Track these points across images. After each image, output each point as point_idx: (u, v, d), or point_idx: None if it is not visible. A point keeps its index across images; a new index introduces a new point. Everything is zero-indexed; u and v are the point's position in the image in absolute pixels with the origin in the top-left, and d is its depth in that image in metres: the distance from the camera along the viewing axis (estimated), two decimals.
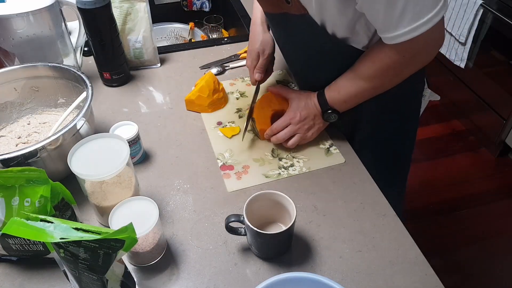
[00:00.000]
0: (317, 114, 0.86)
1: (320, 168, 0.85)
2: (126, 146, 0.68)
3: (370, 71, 0.77)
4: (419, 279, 0.66)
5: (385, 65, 0.75)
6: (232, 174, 0.84)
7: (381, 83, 0.79)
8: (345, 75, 0.82)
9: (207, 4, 1.52)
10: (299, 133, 0.87)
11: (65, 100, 0.92)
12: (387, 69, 0.75)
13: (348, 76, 0.81)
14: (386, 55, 0.73)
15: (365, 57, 0.78)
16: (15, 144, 0.86)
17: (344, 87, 0.82)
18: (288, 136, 0.87)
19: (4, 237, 0.64)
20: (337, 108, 0.84)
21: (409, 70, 0.76)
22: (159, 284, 0.67)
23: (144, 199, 0.66)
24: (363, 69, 0.78)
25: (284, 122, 0.87)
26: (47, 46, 0.96)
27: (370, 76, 0.78)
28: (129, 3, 1.05)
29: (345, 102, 0.83)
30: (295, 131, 0.87)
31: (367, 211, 0.77)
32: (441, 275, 0.67)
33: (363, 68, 0.78)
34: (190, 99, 0.98)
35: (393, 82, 0.79)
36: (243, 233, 0.69)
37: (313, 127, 0.87)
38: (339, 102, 0.83)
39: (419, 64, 0.76)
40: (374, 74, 0.77)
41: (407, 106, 0.93)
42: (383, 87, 0.80)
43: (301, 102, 0.87)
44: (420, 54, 0.72)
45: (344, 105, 0.84)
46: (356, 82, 0.80)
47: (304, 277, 0.55)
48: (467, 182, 2.04)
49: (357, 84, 0.80)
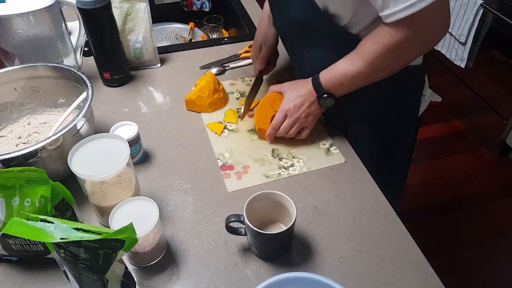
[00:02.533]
0: (313, 101, 0.84)
1: (320, 168, 0.85)
2: (126, 146, 0.68)
3: (370, 51, 0.75)
4: (419, 279, 0.67)
5: (386, 43, 0.72)
6: (232, 174, 0.84)
7: (381, 65, 0.76)
8: (344, 58, 0.80)
9: (207, 4, 1.52)
10: (297, 124, 0.86)
11: (65, 100, 0.92)
12: (389, 48, 0.72)
13: (347, 57, 0.79)
14: (388, 34, 0.71)
15: (366, 37, 0.76)
16: (15, 144, 0.86)
17: (341, 68, 0.80)
18: (288, 128, 0.86)
19: (4, 237, 0.64)
20: (332, 91, 0.82)
21: (412, 52, 0.74)
22: (159, 284, 0.67)
23: (144, 199, 0.66)
24: (363, 48, 0.76)
25: (281, 114, 0.86)
26: (47, 46, 0.96)
27: (370, 56, 0.75)
28: (129, 3, 1.05)
29: (341, 84, 0.81)
30: (294, 121, 0.86)
31: (367, 211, 0.77)
32: (441, 275, 0.67)
33: (363, 48, 0.76)
34: (190, 99, 0.98)
35: (395, 64, 0.76)
36: (243, 233, 0.69)
37: (310, 114, 0.86)
38: (335, 84, 0.81)
39: (424, 45, 0.73)
40: (374, 55, 0.74)
41: (406, 105, 0.93)
42: (383, 70, 0.77)
43: (294, 91, 0.86)
44: (423, 34, 0.70)
45: (340, 87, 0.81)
46: (355, 63, 0.78)
47: (304, 277, 0.55)
48: (467, 182, 2.04)
49: (355, 65, 0.78)
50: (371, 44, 0.75)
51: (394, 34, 0.70)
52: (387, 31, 0.71)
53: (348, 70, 0.79)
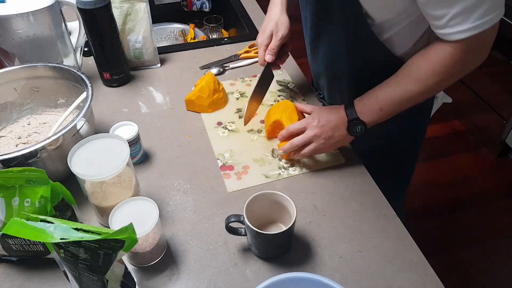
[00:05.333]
0: (340, 125, 0.78)
1: (320, 168, 0.85)
2: (126, 146, 0.68)
3: (423, 71, 0.71)
4: (419, 279, 0.67)
5: (443, 62, 0.68)
6: (232, 174, 0.83)
7: (434, 85, 0.72)
8: (384, 82, 0.75)
9: (207, 4, 1.52)
10: (314, 142, 0.79)
11: (65, 100, 0.92)
12: (446, 67, 0.69)
13: (390, 81, 0.75)
14: (446, 51, 0.68)
15: (416, 57, 0.72)
16: (15, 144, 0.86)
17: (384, 93, 0.75)
18: (302, 143, 0.79)
19: (4, 238, 0.64)
20: (367, 117, 0.76)
21: (465, 69, 0.71)
22: (159, 284, 0.67)
23: (144, 199, 0.66)
24: (414, 69, 0.72)
25: (300, 126, 0.80)
26: (47, 46, 0.96)
27: (422, 76, 0.71)
28: (129, 3, 1.05)
29: (381, 110, 0.75)
30: (311, 138, 0.79)
31: (367, 211, 0.77)
32: (441, 275, 0.67)
33: (413, 68, 0.72)
34: (190, 99, 0.98)
35: (446, 83, 0.72)
36: (243, 233, 0.69)
37: (331, 138, 0.79)
38: (372, 110, 0.76)
39: (475, 63, 0.71)
40: (428, 74, 0.70)
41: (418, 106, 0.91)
42: (432, 89, 0.73)
43: (324, 110, 0.81)
44: (479, 52, 0.69)
45: (378, 113, 0.76)
46: (402, 85, 0.73)
47: (304, 277, 0.55)
48: (467, 182, 2.04)
49: (402, 88, 0.73)
50: (424, 62, 0.71)
51: (453, 51, 0.67)
52: (445, 48, 0.68)
53: (394, 95, 0.74)
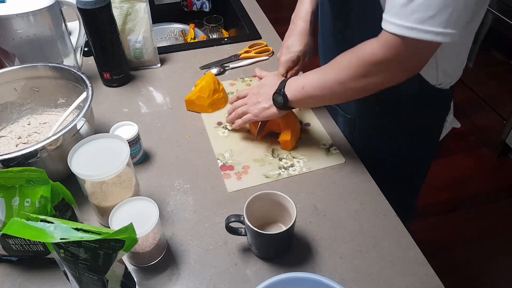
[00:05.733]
0: (270, 93, 0.81)
1: (320, 168, 0.85)
2: (126, 146, 0.68)
3: (344, 60, 0.71)
4: (419, 279, 0.67)
5: (361, 55, 0.67)
6: (232, 174, 0.83)
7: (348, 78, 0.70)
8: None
9: (207, 4, 1.52)
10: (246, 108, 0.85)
11: (65, 100, 0.92)
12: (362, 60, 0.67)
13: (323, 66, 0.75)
14: (369, 45, 0.66)
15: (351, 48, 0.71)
16: (15, 144, 0.86)
17: (311, 74, 0.76)
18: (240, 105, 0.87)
19: (4, 238, 0.64)
20: (290, 91, 0.77)
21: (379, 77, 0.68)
22: (159, 284, 0.67)
23: (144, 199, 0.66)
24: (340, 57, 0.72)
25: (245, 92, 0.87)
26: (47, 46, 0.96)
27: (341, 65, 0.71)
28: (129, 3, 1.05)
29: (302, 89, 0.76)
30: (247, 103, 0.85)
31: (367, 211, 0.77)
32: (441, 275, 0.67)
33: (340, 56, 0.72)
34: (190, 99, 0.98)
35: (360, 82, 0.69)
36: (243, 233, 0.69)
37: (259, 103, 0.83)
38: (297, 86, 0.77)
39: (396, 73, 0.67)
40: (346, 64, 0.70)
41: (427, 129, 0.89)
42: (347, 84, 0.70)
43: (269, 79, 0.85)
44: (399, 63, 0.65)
45: (299, 91, 0.77)
46: (325, 70, 0.73)
47: (304, 277, 0.55)
48: (467, 182, 2.04)
49: (324, 72, 0.73)
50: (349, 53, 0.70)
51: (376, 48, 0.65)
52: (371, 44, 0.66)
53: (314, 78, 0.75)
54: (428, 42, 0.60)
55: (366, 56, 0.67)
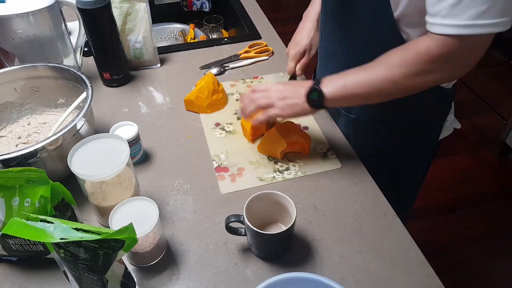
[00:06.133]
0: (300, 89, 0.74)
1: (315, 173, 0.84)
2: (126, 146, 0.68)
3: (394, 57, 0.68)
4: (419, 279, 0.66)
5: (416, 54, 0.65)
6: (226, 176, 0.83)
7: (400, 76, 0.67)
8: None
9: (207, 4, 1.52)
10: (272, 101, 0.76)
11: (65, 100, 0.92)
12: (417, 59, 0.65)
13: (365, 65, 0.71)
14: (424, 43, 0.64)
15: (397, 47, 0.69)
16: (15, 144, 0.86)
17: (353, 71, 0.72)
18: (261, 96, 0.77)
19: (4, 238, 0.64)
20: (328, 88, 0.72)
21: (439, 73, 0.67)
22: (159, 284, 0.67)
23: (144, 199, 0.66)
24: (388, 55, 0.69)
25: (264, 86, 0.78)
26: (47, 46, 0.96)
27: (391, 62, 0.68)
28: (129, 3, 1.05)
29: (343, 86, 0.71)
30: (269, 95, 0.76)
31: (367, 211, 0.77)
32: (441, 275, 0.67)
33: (388, 54, 0.69)
34: (189, 99, 0.98)
35: (413, 80, 0.67)
36: (243, 233, 0.69)
37: (287, 98, 0.75)
38: (336, 84, 0.72)
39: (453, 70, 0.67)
40: (396, 61, 0.67)
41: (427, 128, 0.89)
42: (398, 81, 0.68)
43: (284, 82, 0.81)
44: (460, 58, 0.64)
45: (339, 89, 0.72)
46: (371, 67, 0.70)
47: (304, 277, 0.55)
48: (467, 182, 2.04)
49: (369, 70, 0.70)
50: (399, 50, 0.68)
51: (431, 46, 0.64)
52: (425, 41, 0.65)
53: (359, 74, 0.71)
54: (485, 35, 0.61)
55: (421, 55, 0.65)
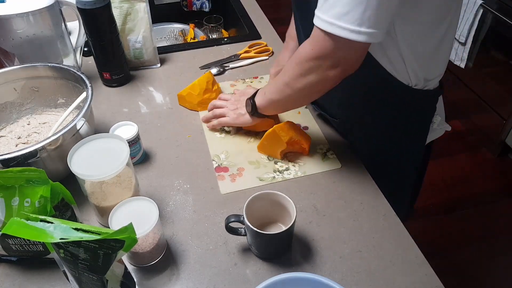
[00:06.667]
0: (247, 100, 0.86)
1: (315, 173, 0.84)
2: (126, 146, 0.68)
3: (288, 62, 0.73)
4: (419, 279, 0.66)
5: (297, 54, 0.69)
6: (226, 176, 0.83)
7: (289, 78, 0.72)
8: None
9: (207, 4, 1.52)
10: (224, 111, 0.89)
11: (65, 100, 0.92)
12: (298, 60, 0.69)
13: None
14: (303, 45, 0.68)
15: None
16: (15, 144, 0.86)
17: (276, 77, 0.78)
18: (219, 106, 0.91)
19: (4, 238, 0.64)
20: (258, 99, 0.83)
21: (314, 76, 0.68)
22: (159, 284, 0.67)
23: (144, 199, 0.66)
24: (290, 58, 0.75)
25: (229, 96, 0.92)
26: (47, 46, 0.96)
27: (286, 67, 0.74)
28: (129, 3, 1.05)
29: (264, 94, 0.81)
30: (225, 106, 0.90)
31: (367, 211, 0.77)
32: (441, 275, 0.67)
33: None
34: (181, 95, 0.99)
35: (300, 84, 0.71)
36: (243, 233, 0.69)
37: (237, 109, 0.88)
38: (262, 93, 0.82)
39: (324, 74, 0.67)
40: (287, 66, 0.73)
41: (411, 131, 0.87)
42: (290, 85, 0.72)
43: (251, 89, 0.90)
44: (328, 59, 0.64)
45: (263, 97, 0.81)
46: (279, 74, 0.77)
47: (304, 277, 0.55)
48: (467, 182, 2.04)
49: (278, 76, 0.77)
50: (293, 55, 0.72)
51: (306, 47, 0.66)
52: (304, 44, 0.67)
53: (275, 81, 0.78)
54: (348, 40, 0.59)
55: (301, 54, 0.69)
